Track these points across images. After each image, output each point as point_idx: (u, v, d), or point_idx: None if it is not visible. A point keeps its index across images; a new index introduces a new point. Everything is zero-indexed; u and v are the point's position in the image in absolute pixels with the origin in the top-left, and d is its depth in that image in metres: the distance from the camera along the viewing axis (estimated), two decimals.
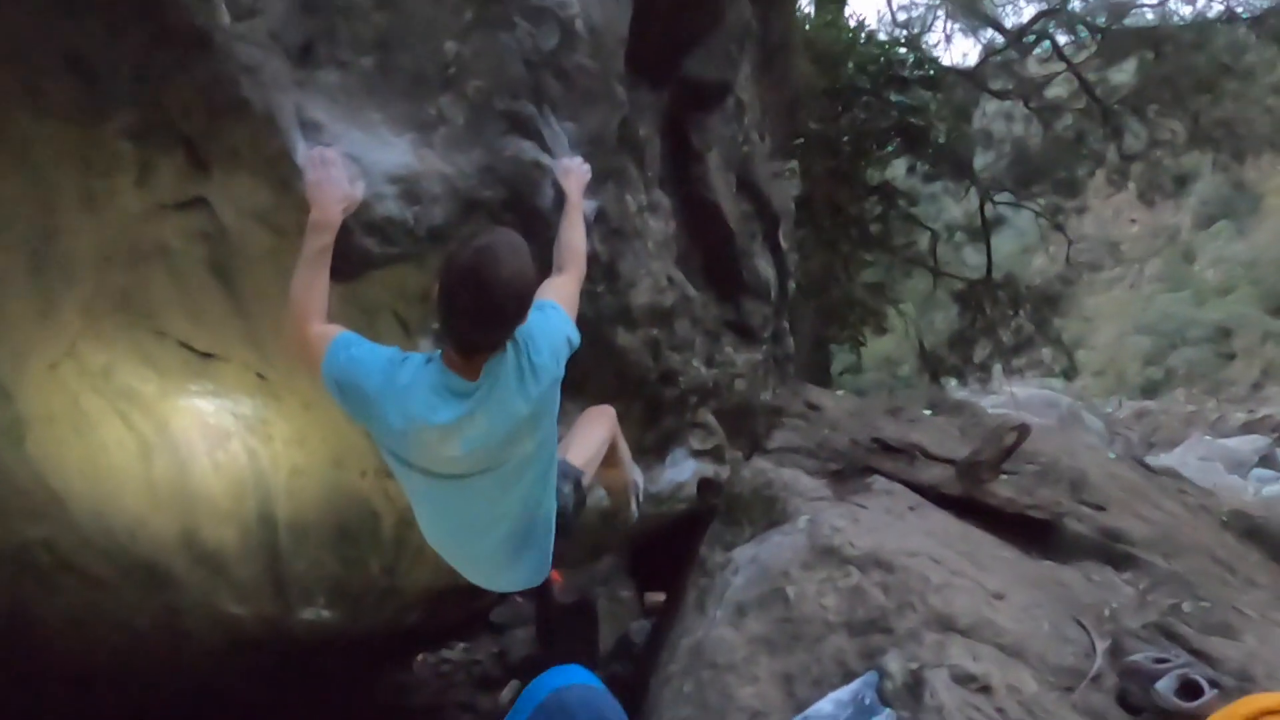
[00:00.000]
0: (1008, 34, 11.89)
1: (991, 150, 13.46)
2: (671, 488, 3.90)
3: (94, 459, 3.04)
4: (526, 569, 2.33)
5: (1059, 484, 5.12)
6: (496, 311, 1.93)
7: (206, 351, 2.70)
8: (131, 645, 3.98)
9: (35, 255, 2.35)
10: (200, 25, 2.04)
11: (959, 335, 13.62)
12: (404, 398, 2.01)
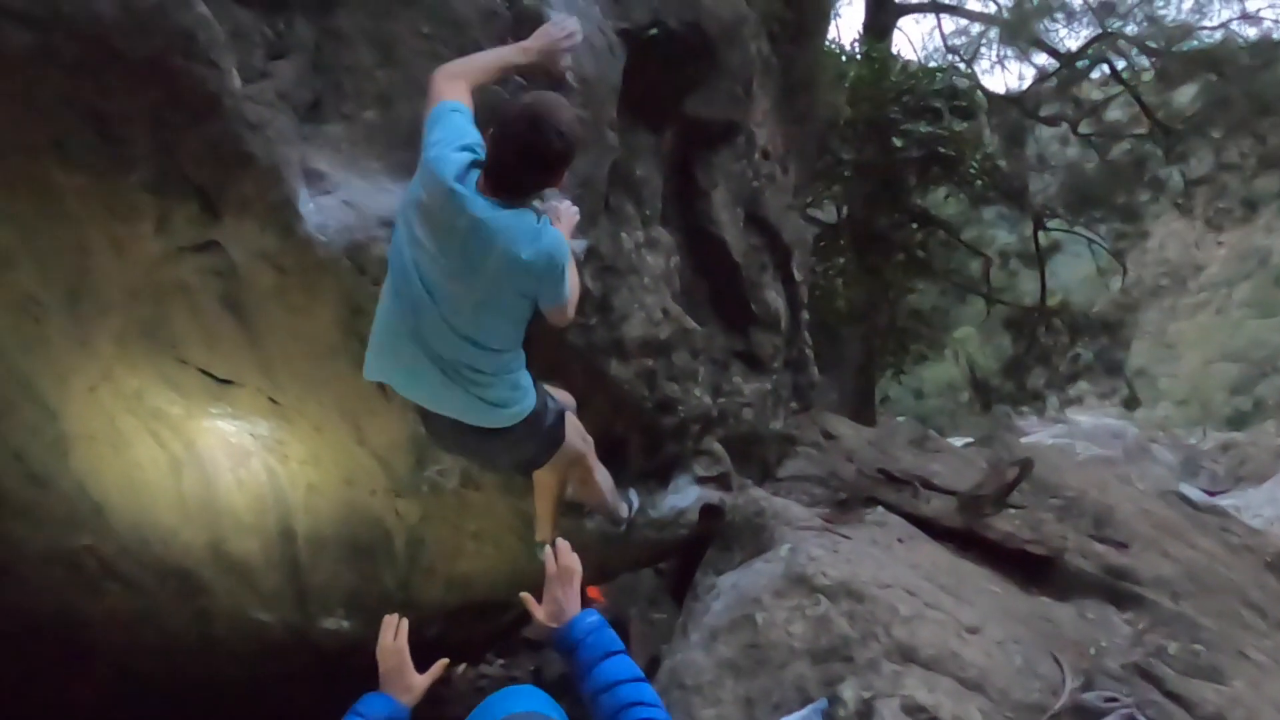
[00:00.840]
0: (1061, 58, 11.71)
1: (1048, 175, 13.23)
2: (672, 514, 4.01)
3: (130, 474, 3.33)
4: (453, 402, 2.41)
5: (1081, 519, 5.05)
6: (545, 148, 2.14)
7: (224, 378, 2.95)
8: (168, 647, 4.27)
9: (73, 291, 2.64)
10: (211, 90, 2.30)
11: (1012, 363, 13.36)
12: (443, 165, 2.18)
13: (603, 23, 3.13)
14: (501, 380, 2.42)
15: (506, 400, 2.45)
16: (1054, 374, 12.93)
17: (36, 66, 2.08)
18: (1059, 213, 12.31)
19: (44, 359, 2.85)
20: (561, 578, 1.80)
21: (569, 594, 1.79)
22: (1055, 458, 6.29)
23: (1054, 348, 12.83)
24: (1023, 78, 14.05)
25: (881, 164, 7.60)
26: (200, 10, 2.24)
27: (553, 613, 1.76)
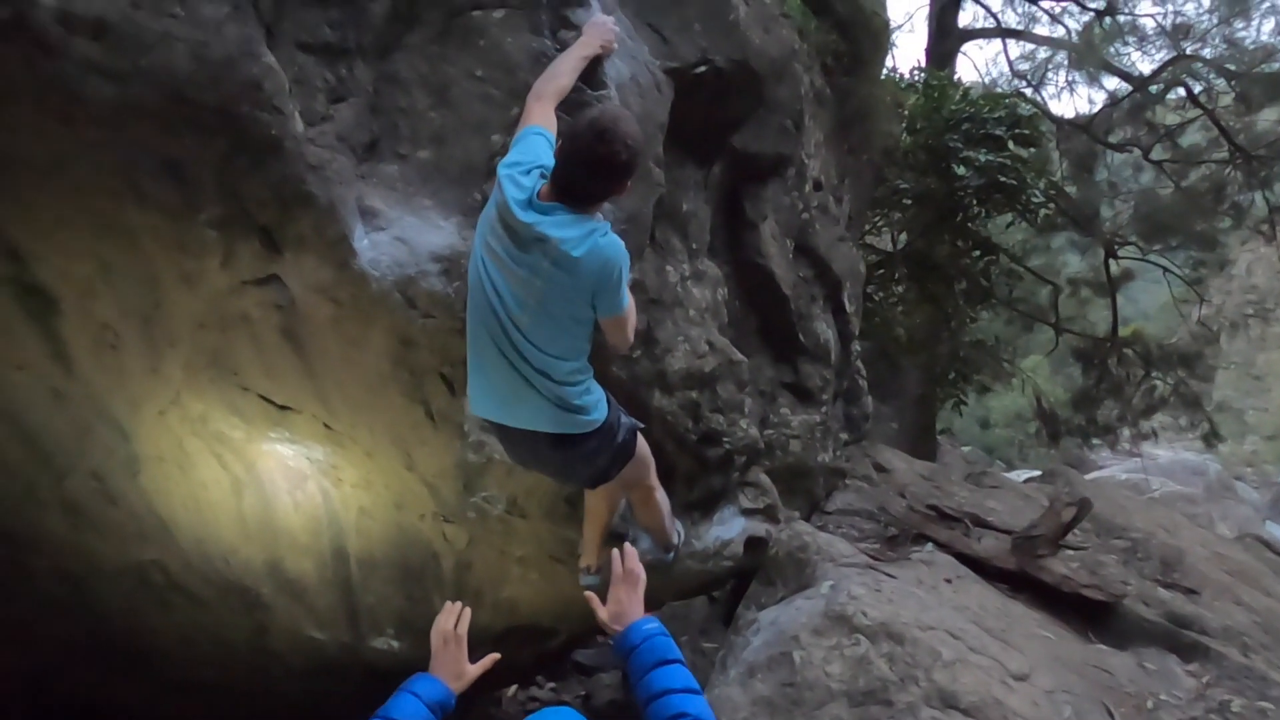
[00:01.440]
0: (1134, 82, 11.38)
1: (1119, 202, 12.83)
2: (716, 545, 4.00)
3: (195, 493, 3.49)
4: (527, 410, 2.52)
5: (1147, 562, 4.85)
6: (611, 158, 2.25)
7: (283, 404, 3.09)
8: (228, 659, 4.44)
9: (146, 322, 2.81)
10: (275, 134, 2.43)
11: (1082, 395, 12.91)
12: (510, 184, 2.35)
13: (650, 62, 3.20)
14: (574, 387, 2.52)
15: (581, 407, 2.54)
16: (1126, 407, 12.45)
17: (118, 117, 2.24)
18: (1132, 240, 11.91)
19: (119, 384, 3.03)
20: (627, 580, 1.84)
21: (633, 598, 1.82)
22: (1121, 496, 6.05)
23: (1126, 380, 12.37)
24: (1093, 102, 13.70)
25: (941, 192, 7.48)
26: (267, 60, 2.38)
27: (615, 614, 1.79)
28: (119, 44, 2.14)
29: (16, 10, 2.02)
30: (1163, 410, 13.76)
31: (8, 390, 3.07)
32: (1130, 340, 12.68)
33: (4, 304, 2.69)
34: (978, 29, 12.20)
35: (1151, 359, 12.47)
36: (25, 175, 2.35)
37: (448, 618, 1.83)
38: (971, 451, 21.21)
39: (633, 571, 1.86)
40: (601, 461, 2.69)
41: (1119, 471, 15.63)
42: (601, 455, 2.67)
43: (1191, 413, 13.33)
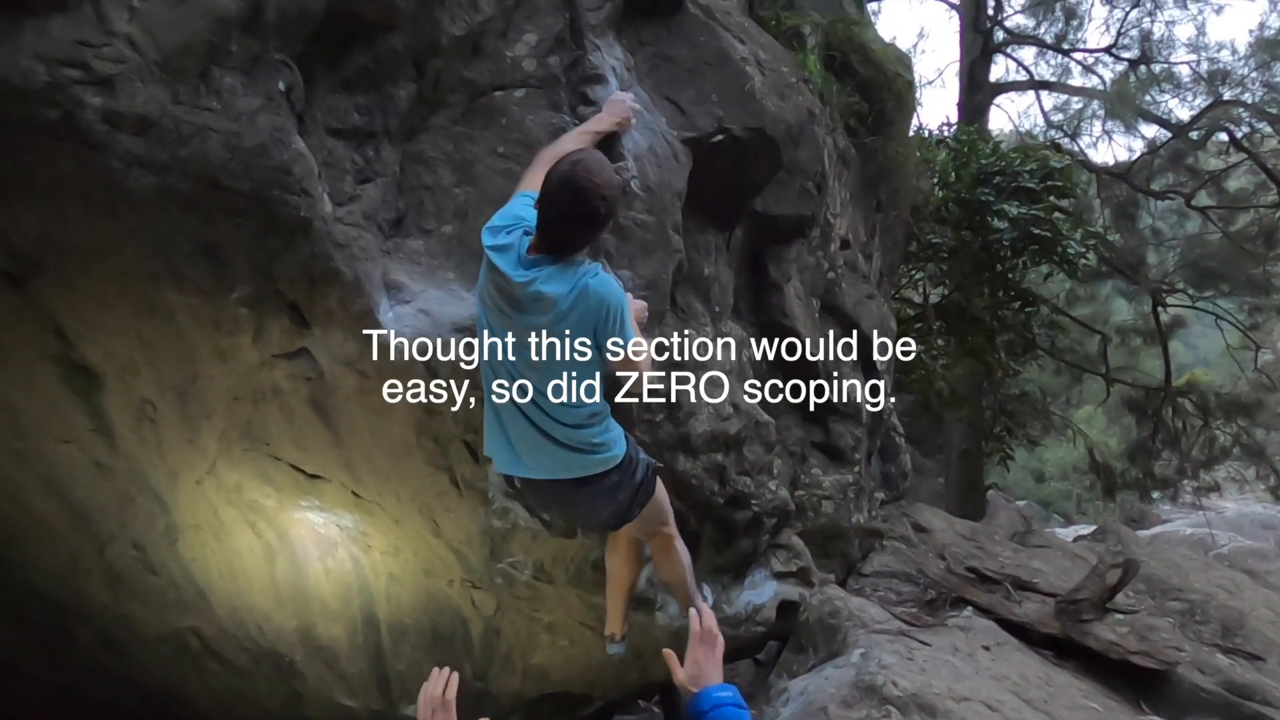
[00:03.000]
0: (1172, 128, 11.27)
1: (1166, 248, 12.60)
2: (748, 610, 3.93)
3: (230, 561, 3.57)
4: (550, 460, 2.55)
5: (1205, 626, 4.63)
6: (589, 212, 2.33)
7: (313, 473, 3.16)
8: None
9: (183, 395, 2.92)
10: (304, 216, 2.55)
11: (1138, 446, 12.50)
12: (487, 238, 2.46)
13: (668, 133, 3.29)
14: (592, 429, 2.55)
15: (600, 444, 2.58)
16: (1185, 459, 12.02)
17: (158, 205, 2.37)
18: (1181, 287, 11.65)
19: (158, 456, 3.14)
20: (705, 641, 1.82)
21: (710, 659, 1.81)
22: (1178, 555, 5.80)
23: (1184, 430, 11.96)
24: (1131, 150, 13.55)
25: (976, 245, 7.44)
26: (297, 147, 2.51)
27: (693, 676, 1.77)
28: (160, 138, 2.28)
29: (66, 111, 2.17)
30: (1225, 462, 13.26)
31: (55, 463, 3.20)
32: (1186, 389, 12.30)
33: (51, 382, 2.82)
34: (1009, 82, 12.26)
35: (1209, 408, 12.08)
36: (72, 261, 2.49)
37: (435, 684, 1.81)
38: (1026, 506, 20.55)
39: (710, 631, 1.85)
40: (623, 496, 2.69)
41: (1183, 526, 14.95)
42: (623, 490, 2.68)
43: (1256, 464, 12.81)
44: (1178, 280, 11.73)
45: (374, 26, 2.69)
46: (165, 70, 2.21)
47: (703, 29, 3.45)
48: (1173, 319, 12.44)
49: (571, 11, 3.10)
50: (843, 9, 6.04)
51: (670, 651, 1.82)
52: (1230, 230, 11.36)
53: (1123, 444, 13.48)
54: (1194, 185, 11.41)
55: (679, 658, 1.81)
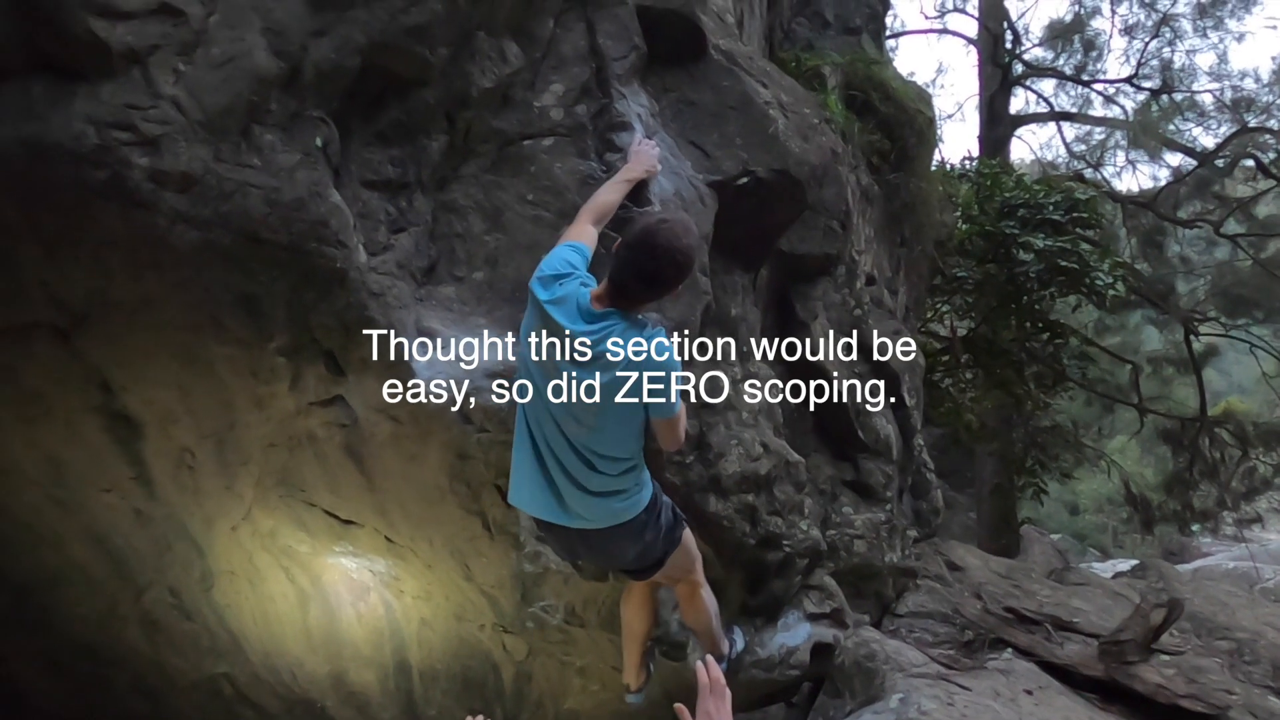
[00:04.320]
0: (1198, 156, 11.21)
1: (1196, 276, 12.46)
2: (781, 653, 3.87)
3: (264, 607, 3.59)
4: (588, 510, 2.54)
5: (1254, 666, 4.49)
6: (658, 273, 2.35)
7: (346, 518, 3.18)
8: None
9: (220, 443, 2.97)
10: (340, 267, 2.60)
11: (1174, 478, 12.24)
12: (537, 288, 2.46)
13: (693, 177, 3.33)
14: (624, 477, 2.55)
15: (628, 491, 2.58)
16: (1225, 490, 11.75)
17: (200, 259, 2.44)
18: (1213, 315, 11.48)
19: (196, 503, 3.18)
20: (715, 691, 1.80)
21: (721, 710, 1.78)
22: (1223, 591, 5.64)
23: (1222, 461, 11.71)
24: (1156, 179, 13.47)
25: (1002, 278, 7.40)
26: (334, 200, 2.57)
27: None
28: (203, 194, 2.35)
29: (114, 171, 2.24)
30: (1266, 492, 12.93)
31: (96, 512, 3.25)
32: (1222, 419, 12.06)
33: (94, 432, 2.88)
34: (1030, 114, 12.27)
35: (1248, 438, 11.82)
36: (117, 314, 2.55)
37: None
38: (1061, 539, 20.11)
39: (718, 682, 1.82)
40: (649, 535, 2.68)
41: (1225, 560, 14.55)
42: (649, 529, 2.67)
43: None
44: (1209, 308, 11.56)
45: (407, 81, 2.77)
46: (208, 129, 2.29)
47: (725, 74, 3.51)
48: (1206, 347, 12.25)
49: (597, 61, 3.18)
50: (862, 48, 6.13)
51: (681, 706, 1.80)
52: (1261, 256, 11.21)
53: (1159, 475, 13.21)
54: (1222, 212, 11.31)
55: (690, 711, 1.79)
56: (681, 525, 2.83)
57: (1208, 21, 11.06)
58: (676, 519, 2.80)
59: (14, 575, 3.73)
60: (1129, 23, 11.64)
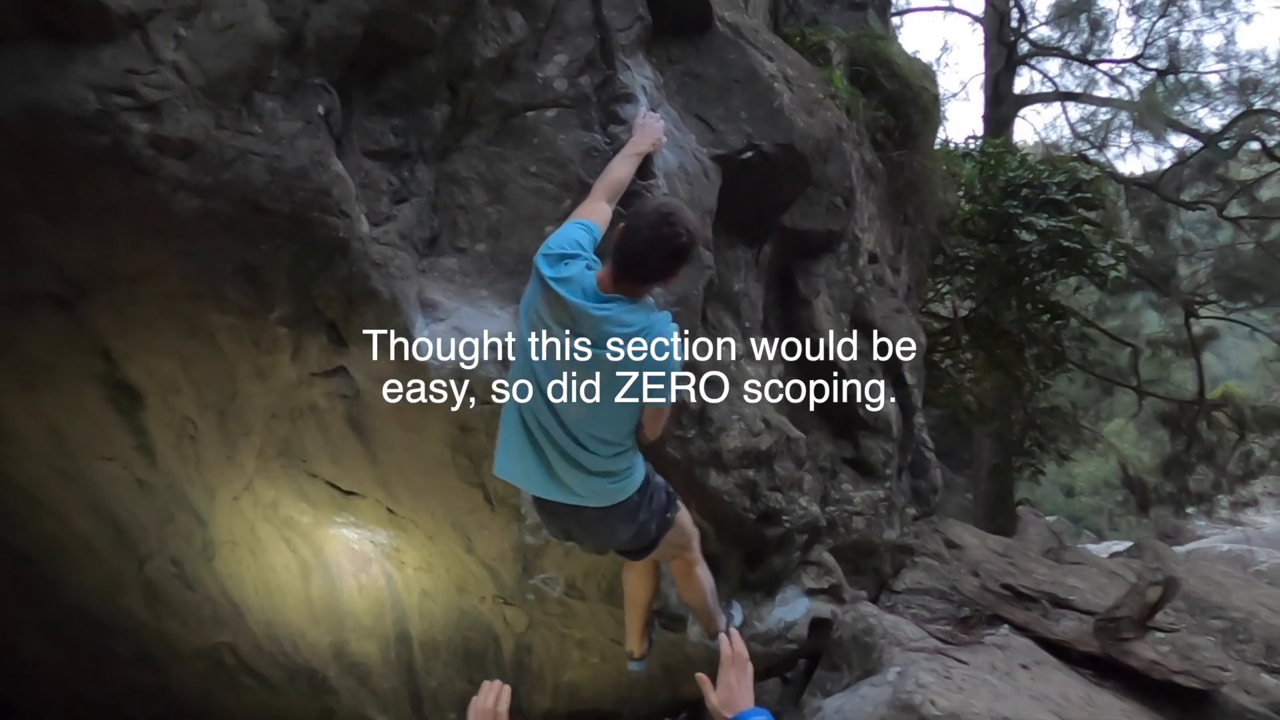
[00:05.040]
0: (1202, 138, 11.14)
1: (1197, 259, 12.42)
2: (780, 627, 3.90)
3: (265, 577, 3.61)
4: (582, 487, 2.54)
5: (1248, 644, 4.53)
6: (661, 257, 2.35)
7: (348, 489, 3.19)
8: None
9: (222, 413, 2.97)
10: (342, 236, 2.59)
11: (1172, 460, 12.28)
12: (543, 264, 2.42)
13: (698, 150, 3.31)
14: (619, 458, 2.56)
15: (622, 472, 2.58)
16: (1221, 473, 11.79)
17: (201, 227, 2.42)
18: (1213, 299, 11.47)
19: (197, 473, 3.19)
20: (736, 664, 1.82)
21: (743, 683, 1.80)
22: (1218, 572, 5.68)
23: (1219, 444, 11.75)
24: (1160, 161, 13.40)
25: (1004, 258, 7.37)
26: (336, 169, 2.55)
27: (725, 700, 1.77)
28: (204, 162, 2.33)
29: (115, 138, 2.22)
30: (1262, 476, 12.98)
31: (98, 482, 3.26)
32: (1220, 402, 12.08)
33: (96, 401, 2.88)
34: (1035, 94, 12.18)
35: (1245, 421, 11.85)
36: (119, 284, 2.54)
37: (486, 697, 1.80)
38: (1057, 521, 20.23)
39: (741, 655, 1.83)
40: (643, 517, 2.69)
41: (1220, 542, 14.61)
42: (642, 510, 2.68)
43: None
44: (1210, 291, 11.55)
45: (409, 50, 2.74)
46: (209, 96, 2.26)
47: (731, 47, 3.47)
48: (1205, 331, 12.24)
49: (602, 32, 3.14)
50: (867, 24, 6.07)
51: (703, 676, 1.82)
52: (1264, 240, 11.18)
53: (1155, 458, 13.25)
54: (1226, 195, 11.26)
55: (711, 681, 1.80)
56: (675, 505, 2.82)
57: (1215, 1, 10.96)
58: (670, 499, 2.79)
59: (16, 545, 3.74)
60: (1136, 2, 11.52)
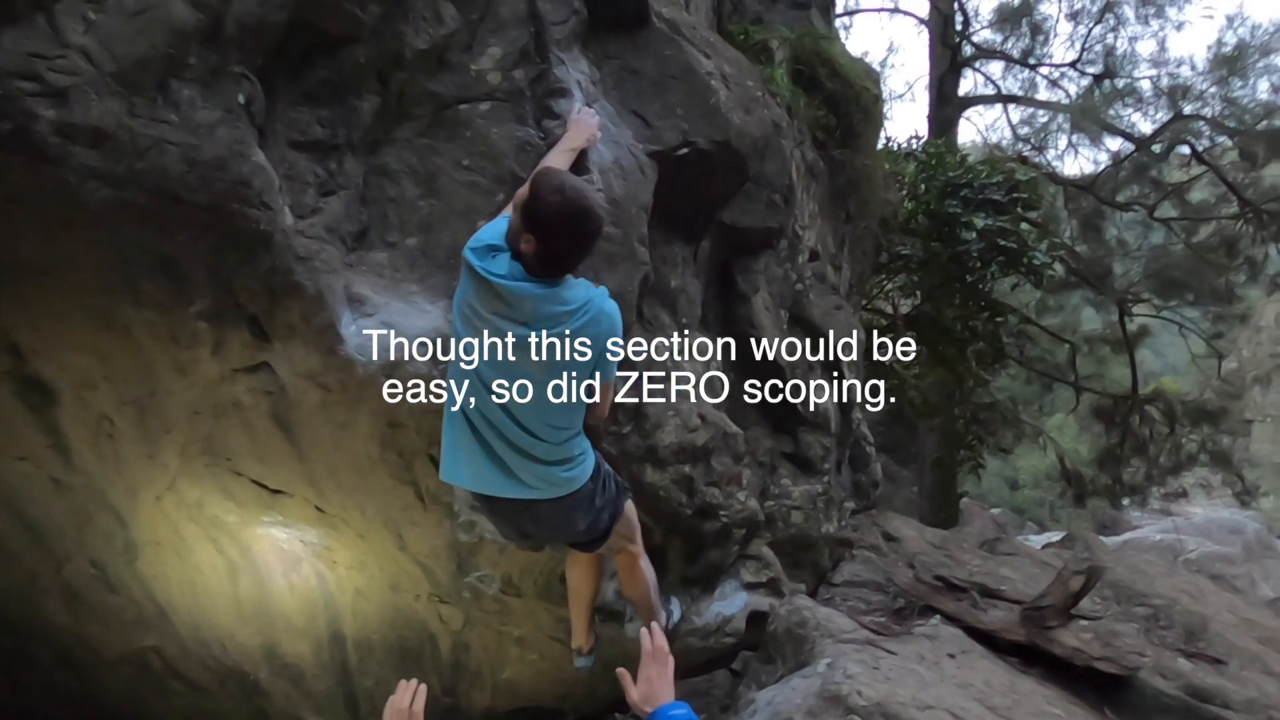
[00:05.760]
0: (1135, 141, 11.51)
1: (1131, 259, 12.83)
2: (718, 621, 3.93)
3: (191, 579, 3.51)
4: (536, 479, 2.54)
5: (1169, 630, 4.70)
6: (586, 233, 2.38)
7: (275, 488, 3.12)
8: None
9: (142, 410, 2.88)
10: (264, 229, 2.52)
11: (1107, 454, 12.69)
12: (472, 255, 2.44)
13: (633, 146, 3.30)
14: (569, 443, 2.57)
15: (575, 460, 2.59)
16: (1153, 465, 12.22)
17: (114, 218, 2.34)
18: (1146, 297, 11.86)
19: (117, 472, 3.09)
20: (656, 658, 1.82)
21: (663, 678, 1.81)
22: (1143, 561, 5.89)
23: (1151, 438, 12.16)
24: (1097, 163, 13.83)
25: (945, 256, 7.53)
26: (256, 159, 2.49)
27: (645, 695, 1.78)
28: (115, 150, 2.25)
29: (18, 124, 2.14)
30: (1192, 468, 13.48)
31: (10, 480, 3.14)
32: (1153, 397, 12.51)
33: (5, 398, 2.77)
34: (978, 96, 12.45)
35: (1176, 416, 12.28)
36: (26, 275, 2.45)
37: (402, 696, 1.80)
38: (1001, 513, 20.75)
39: (661, 649, 1.84)
40: (599, 503, 2.70)
41: (1153, 532, 15.17)
42: (597, 497, 2.70)
43: (1222, 470, 13.03)
44: (1143, 290, 11.95)
45: (336, 39, 2.69)
46: (121, 82, 2.19)
47: (668, 43, 3.48)
48: (1139, 328, 12.67)
49: (536, 25, 3.11)
50: (811, 24, 6.12)
51: (624, 671, 1.83)
52: (1193, 241, 11.60)
53: (1093, 451, 13.69)
54: (1157, 197, 11.66)
55: (632, 677, 1.81)
56: (625, 494, 2.86)
57: (1149, 9, 11.32)
58: (619, 488, 2.83)
59: None
60: (1075, 8, 11.86)
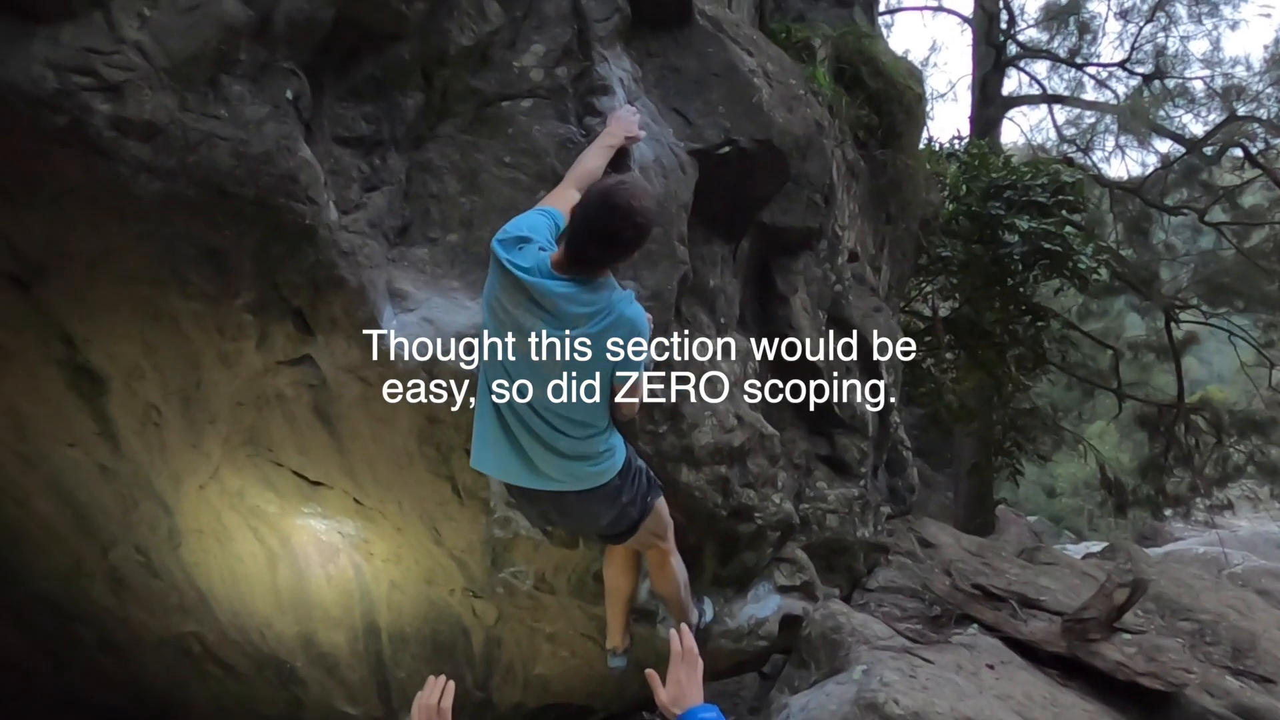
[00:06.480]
0: (1186, 144, 11.21)
1: (1179, 264, 12.52)
2: (750, 623, 3.90)
3: (232, 566, 3.57)
4: (560, 472, 2.55)
5: (1215, 647, 4.57)
6: (617, 233, 2.33)
7: (315, 480, 3.16)
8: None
9: (187, 400, 2.93)
10: (309, 223, 2.55)
11: (1150, 463, 12.39)
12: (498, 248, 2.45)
13: (675, 144, 3.28)
14: (596, 439, 2.56)
15: (602, 454, 2.59)
16: (1198, 476, 11.91)
17: (164, 210, 2.38)
18: (1194, 304, 11.56)
19: (162, 460, 3.15)
20: (686, 660, 1.81)
21: (692, 679, 1.80)
22: (1189, 574, 5.73)
23: (1196, 448, 11.86)
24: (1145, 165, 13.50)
25: (986, 259, 7.41)
26: (303, 154, 2.51)
27: (675, 696, 1.77)
28: (167, 144, 2.28)
29: (74, 117, 2.18)
30: (1238, 480, 13.13)
31: (60, 466, 3.21)
32: (1199, 406, 12.20)
33: (56, 386, 2.84)
34: (1022, 96, 12.22)
35: (1223, 426, 11.97)
36: (78, 266, 2.50)
37: (431, 692, 1.80)
38: (1038, 521, 20.37)
39: (691, 651, 1.84)
40: (625, 499, 2.70)
41: (1196, 545, 14.76)
42: (624, 494, 2.69)
43: (1270, 482, 12.67)
44: (1191, 296, 11.64)
45: (382, 36, 2.70)
46: (174, 77, 2.22)
47: (711, 40, 3.45)
48: (1186, 335, 12.35)
49: (579, 23, 3.11)
50: (854, 22, 6.05)
51: (653, 672, 1.81)
52: (1245, 246, 11.27)
53: (1135, 460, 13.39)
54: (1208, 201, 11.34)
55: (661, 678, 1.80)
56: (657, 491, 2.85)
57: (1203, 7, 11.02)
58: (651, 484, 2.82)
59: None
60: (1124, 6, 11.58)
